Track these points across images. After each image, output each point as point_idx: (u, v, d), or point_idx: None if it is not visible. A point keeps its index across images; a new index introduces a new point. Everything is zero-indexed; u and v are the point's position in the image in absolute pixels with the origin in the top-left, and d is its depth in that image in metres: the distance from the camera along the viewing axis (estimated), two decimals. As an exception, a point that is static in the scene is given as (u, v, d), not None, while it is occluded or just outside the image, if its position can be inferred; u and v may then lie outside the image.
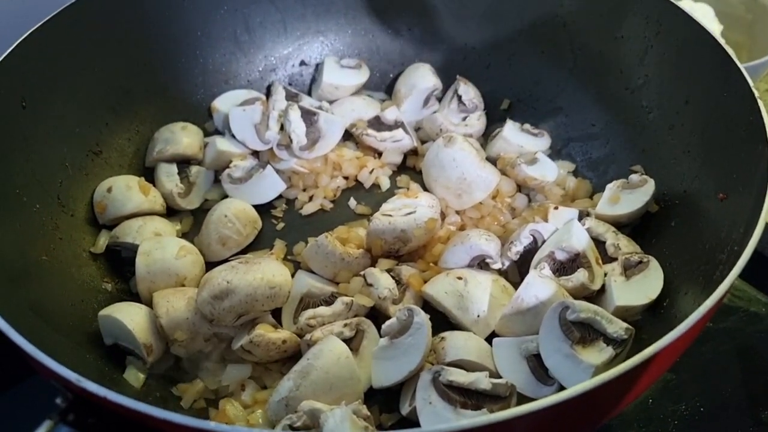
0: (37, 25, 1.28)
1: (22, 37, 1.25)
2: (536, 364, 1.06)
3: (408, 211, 1.28)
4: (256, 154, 1.52)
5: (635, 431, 1.17)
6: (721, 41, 1.19)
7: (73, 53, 1.36)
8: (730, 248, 1.00)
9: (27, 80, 1.25)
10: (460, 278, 1.19)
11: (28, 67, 1.26)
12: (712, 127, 1.20)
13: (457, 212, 1.38)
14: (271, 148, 1.48)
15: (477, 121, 1.55)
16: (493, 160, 1.45)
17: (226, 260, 1.29)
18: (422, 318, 1.07)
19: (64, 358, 0.82)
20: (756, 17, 1.74)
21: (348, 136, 1.55)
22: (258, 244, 1.38)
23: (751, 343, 1.28)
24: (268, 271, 1.13)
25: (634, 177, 1.30)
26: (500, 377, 1.04)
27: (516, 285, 1.16)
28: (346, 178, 1.51)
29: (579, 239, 1.19)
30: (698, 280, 1.06)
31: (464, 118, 1.57)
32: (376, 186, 1.50)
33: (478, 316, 1.16)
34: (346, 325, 1.13)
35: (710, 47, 1.20)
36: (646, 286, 1.13)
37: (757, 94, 1.08)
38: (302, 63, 1.69)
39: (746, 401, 1.20)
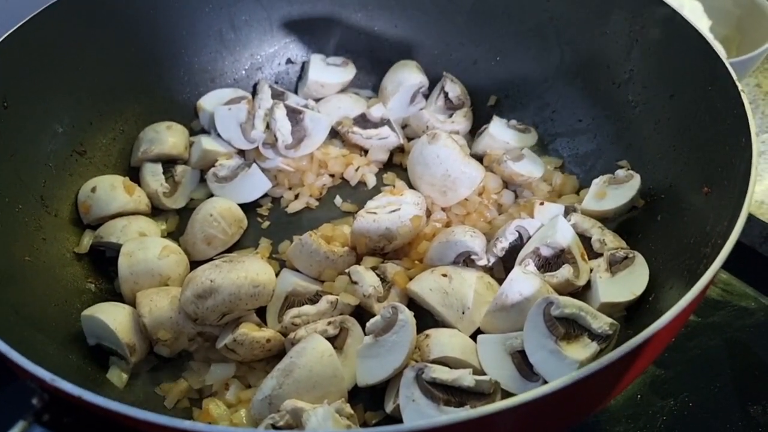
0: (20, 24, 1.27)
1: (4, 36, 1.24)
2: (521, 360, 1.06)
3: (393, 208, 1.27)
4: (241, 153, 1.51)
5: (624, 426, 1.16)
6: (709, 36, 1.18)
7: (56, 52, 1.35)
8: (714, 242, 0.99)
9: (9, 79, 1.25)
10: (445, 275, 1.18)
11: (10, 66, 1.25)
12: (697, 122, 1.19)
13: (443, 209, 1.38)
14: (257, 147, 1.48)
15: (463, 118, 1.55)
16: (479, 157, 1.45)
17: (211, 259, 1.29)
18: (407, 315, 1.06)
19: (43, 358, 0.81)
20: (744, 12, 1.73)
21: (334, 134, 1.55)
22: (244, 242, 1.38)
23: (740, 338, 1.28)
24: (251, 270, 1.13)
25: (620, 172, 1.30)
26: (485, 374, 1.04)
27: (502, 282, 1.15)
28: (332, 175, 1.50)
29: (564, 235, 1.18)
30: (683, 275, 1.05)
31: (451, 115, 1.56)
32: (362, 183, 1.50)
33: (463, 313, 1.15)
34: (330, 323, 1.13)
35: (695, 42, 1.20)
36: (631, 281, 1.13)
37: (740, 87, 1.08)
38: (288, 61, 1.69)
39: (735, 396, 1.20)
